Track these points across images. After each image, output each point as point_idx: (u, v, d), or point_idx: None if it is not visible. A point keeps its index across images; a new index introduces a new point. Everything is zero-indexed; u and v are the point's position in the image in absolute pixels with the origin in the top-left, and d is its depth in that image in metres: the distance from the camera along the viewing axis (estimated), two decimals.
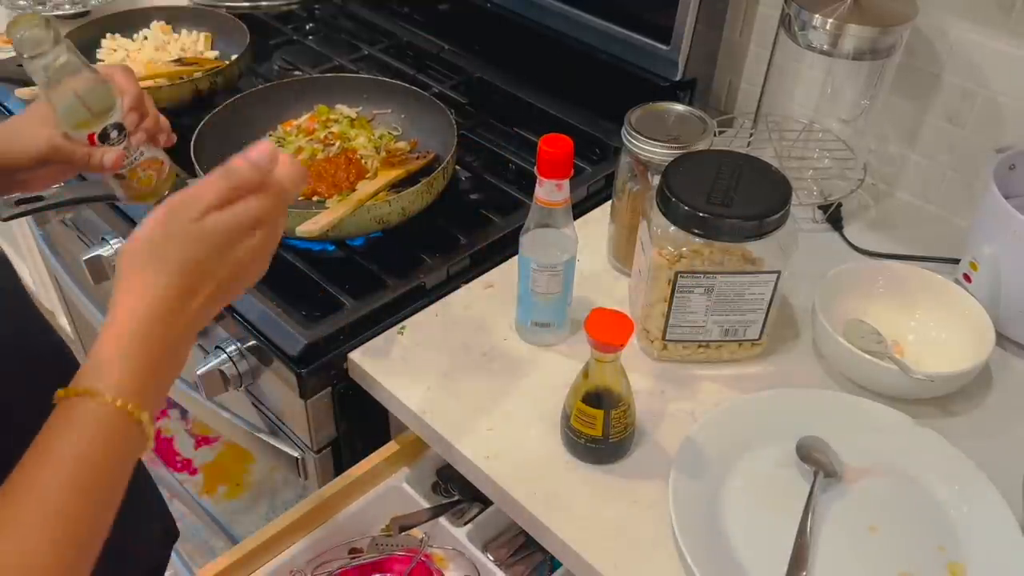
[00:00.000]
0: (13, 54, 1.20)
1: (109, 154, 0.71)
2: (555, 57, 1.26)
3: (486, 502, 0.85)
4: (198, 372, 0.93)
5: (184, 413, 1.50)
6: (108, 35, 1.30)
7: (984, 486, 0.73)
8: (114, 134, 0.71)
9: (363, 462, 0.87)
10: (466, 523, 0.85)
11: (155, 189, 0.76)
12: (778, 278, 0.81)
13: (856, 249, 1.01)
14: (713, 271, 0.79)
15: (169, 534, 0.85)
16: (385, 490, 0.87)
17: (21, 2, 1.40)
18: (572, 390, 0.76)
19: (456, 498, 0.90)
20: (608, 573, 0.69)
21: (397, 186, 1.03)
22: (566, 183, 0.77)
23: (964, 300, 0.87)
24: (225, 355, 0.92)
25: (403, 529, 0.85)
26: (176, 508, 1.43)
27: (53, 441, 0.49)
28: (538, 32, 1.26)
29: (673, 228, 0.79)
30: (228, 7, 1.41)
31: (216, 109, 1.08)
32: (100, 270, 1.15)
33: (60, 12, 1.39)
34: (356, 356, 0.87)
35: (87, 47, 1.27)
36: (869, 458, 0.77)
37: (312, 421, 0.91)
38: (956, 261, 0.94)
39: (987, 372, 0.86)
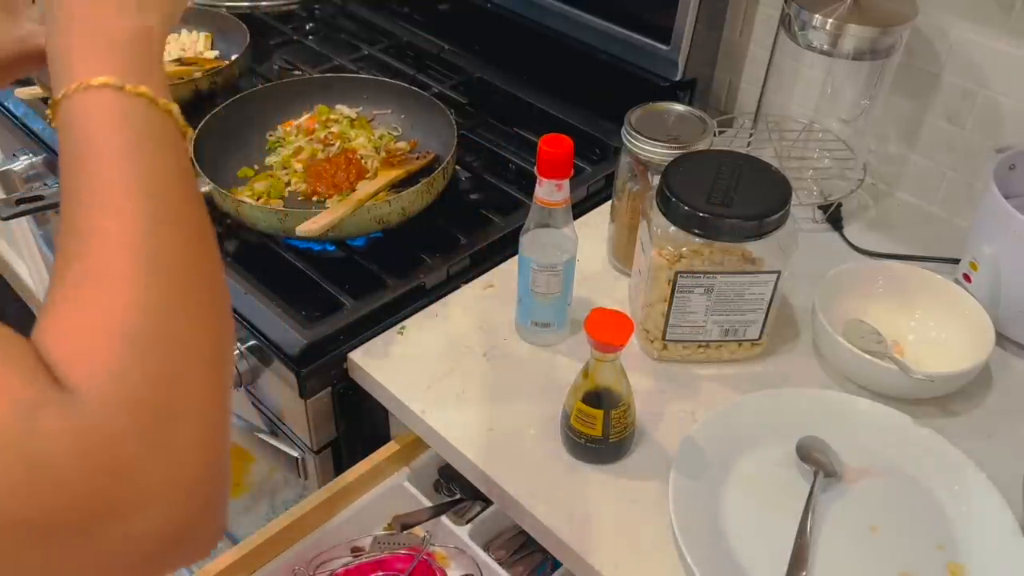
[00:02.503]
0: None
1: None
2: (555, 57, 1.26)
3: (488, 500, 0.85)
4: None
5: None
6: None
7: (984, 486, 0.73)
8: None
9: (363, 462, 0.87)
10: (468, 521, 0.85)
11: None
12: (778, 278, 0.81)
13: (856, 249, 1.01)
14: (713, 271, 0.79)
15: None
16: (386, 489, 0.87)
17: None
18: (572, 390, 0.76)
19: (458, 496, 0.90)
20: (608, 573, 0.69)
21: (397, 186, 1.03)
22: (566, 183, 0.77)
23: (964, 300, 0.87)
24: None
25: (405, 527, 0.85)
26: None
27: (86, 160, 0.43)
28: (538, 32, 1.26)
29: (673, 228, 0.79)
30: (228, 7, 1.41)
31: (216, 109, 1.07)
32: None
33: None
34: (356, 356, 0.87)
35: None
36: (869, 458, 0.77)
37: (312, 421, 0.91)
38: (956, 261, 0.94)
39: (987, 372, 0.86)
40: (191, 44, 1.31)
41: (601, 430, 0.74)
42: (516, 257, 0.85)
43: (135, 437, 0.36)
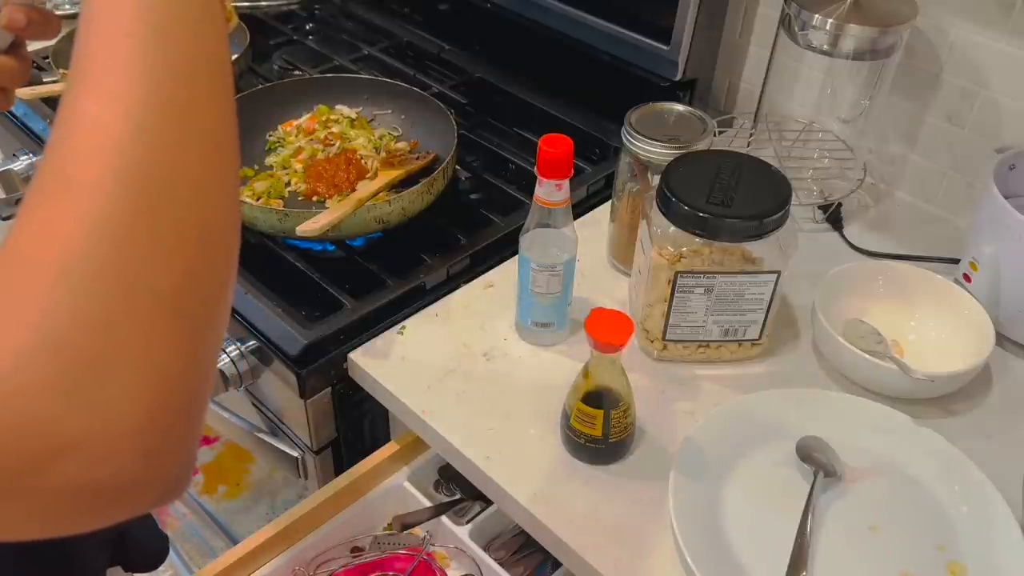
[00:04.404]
0: None
1: None
2: (555, 57, 1.26)
3: (488, 500, 0.85)
4: None
5: None
6: None
7: (984, 486, 0.73)
8: None
9: (363, 462, 0.87)
10: (468, 521, 0.85)
11: None
12: (778, 278, 0.81)
13: (856, 249, 1.01)
14: (713, 271, 0.79)
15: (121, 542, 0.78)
16: (387, 489, 0.87)
17: None
18: (572, 390, 0.76)
19: (458, 496, 0.90)
20: (608, 573, 0.69)
21: (397, 186, 1.03)
22: (566, 183, 0.77)
23: (964, 300, 0.87)
24: (225, 355, 0.92)
25: (405, 527, 0.85)
26: (176, 508, 1.43)
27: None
28: (538, 32, 1.26)
29: (673, 228, 0.79)
30: None
31: None
32: None
33: (60, 12, 1.39)
34: (356, 356, 0.87)
35: None
36: (869, 458, 0.77)
37: (312, 421, 0.91)
38: (956, 261, 0.94)
39: (987, 372, 0.86)
40: None
41: (601, 430, 0.74)
42: (516, 257, 0.85)
43: (51, 389, 0.32)
